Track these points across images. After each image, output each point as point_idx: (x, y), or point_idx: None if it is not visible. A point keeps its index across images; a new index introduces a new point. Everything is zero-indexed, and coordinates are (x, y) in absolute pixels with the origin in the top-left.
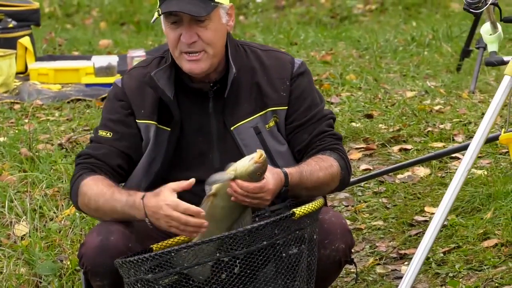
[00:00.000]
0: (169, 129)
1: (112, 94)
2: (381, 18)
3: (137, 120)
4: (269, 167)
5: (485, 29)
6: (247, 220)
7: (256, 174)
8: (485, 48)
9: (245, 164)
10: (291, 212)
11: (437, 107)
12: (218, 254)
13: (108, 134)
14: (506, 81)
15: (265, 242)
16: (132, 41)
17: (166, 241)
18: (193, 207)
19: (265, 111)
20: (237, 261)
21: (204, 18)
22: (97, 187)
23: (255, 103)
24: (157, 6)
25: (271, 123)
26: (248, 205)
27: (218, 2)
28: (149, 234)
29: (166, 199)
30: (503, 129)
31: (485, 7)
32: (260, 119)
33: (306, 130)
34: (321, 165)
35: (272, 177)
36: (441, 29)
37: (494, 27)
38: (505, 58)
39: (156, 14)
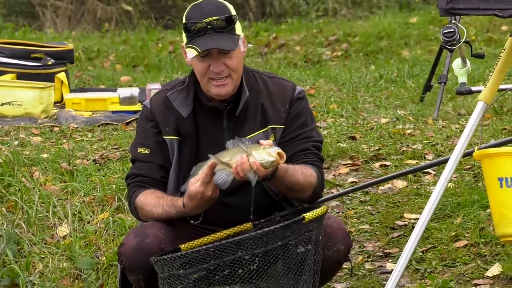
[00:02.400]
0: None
1: (143, 115)
2: (346, 62)
3: (164, 137)
4: None
5: (456, 63)
6: None
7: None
8: (445, 82)
9: (265, 159)
10: (301, 216)
11: (408, 131)
12: (240, 253)
13: (146, 150)
14: (479, 106)
15: (280, 242)
16: (147, 78)
17: (192, 242)
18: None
19: (266, 128)
20: (256, 258)
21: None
22: (149, 201)
23: (259, 121)
24: (185, 42)
25: (271, 139)
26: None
27: (238, 35)
28: (178, 236)
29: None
30: (476, 147)
31: (459, 45)
32: (262, 135)
33: (293, 145)
34: (303, 171)
35: None
36: (404, 69)
37: (464, 62)
38: (473, 88)
39: (194, 52)
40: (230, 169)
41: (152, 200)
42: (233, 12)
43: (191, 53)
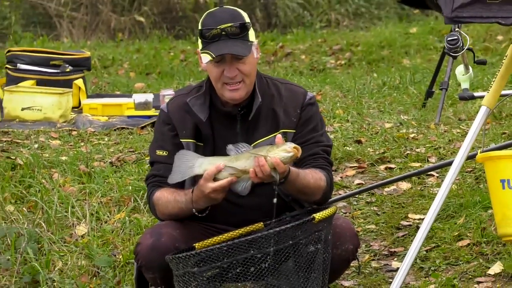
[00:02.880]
0: (202, 144)
1: (161, 119)
2: (349, 70)
3: (181, 140)
4: None
5: (459, 70)
6: None
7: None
8: (446, 89)
9: (284, 156)
10: (311, 216)
11: (412, 135)
12: (252, 252)
13: (164, 152)
14: (482, 110)
15: (290, 241)
16: (160, 84)
17: (206, 241)
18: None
19: (278, 132)
20: (268, 257)
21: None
22: (164, 197)
23: (270, 125)
24: (200, 48)
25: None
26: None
27: (252, 41)
28: (192, 236)
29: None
30: (479, 150)
31: (462, 52)
32: (274, 139)
33: (303, 149)
34: (313, 175)
35: None
36: (407, 76)
37: (467, 68)
38: (475, 94)
39: (208, 56)
40: (247, 175)
41: (167, 194)
42: (247, 19)
43: (205, 58)
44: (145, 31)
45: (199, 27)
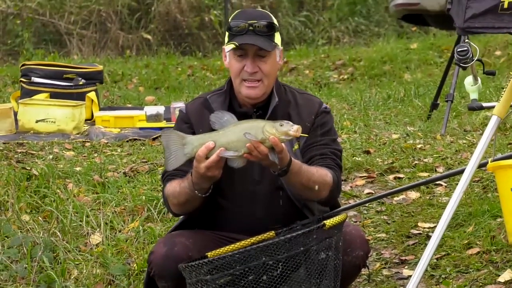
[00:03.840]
0: None
1: (179, 119)
2: (351, 85)
3: None
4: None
5: (468, 81)
6: None
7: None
8: (452, 101)
9: (283, 138)
10: (322, 223)
11: (419, 146)
12: (264, 258)
13: (189, 158)
14: (493, 120)
15: (302, 248)
16: (170, 97)
17: (218, 250)
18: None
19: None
20: (280, 263)
21: (266, 54)
22: (172, 188)
23: None
24: (226, 42)
25: (296, 146)
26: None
27: (276, 43)
28: (205, 244)
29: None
30: (490, 159)
31: (472, 62)
32: (288, 143)
33: (312, 149)
34: (318, 170)
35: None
36: (411, 89)
37: (475, 79)
38: (484, 104)
39: (232, 45)
40: (240, 153)
41: (175, 184)
42: (275, 22)
43: (229, 47)
44: (152, 48)
45: (229, 19)
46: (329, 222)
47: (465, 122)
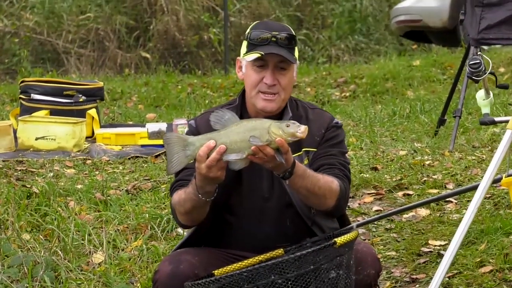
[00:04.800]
0: None
1: (189, 132)
2: (354, 102)
3: None
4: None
5: (479, 95)
6: None
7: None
8: (460, 116)
9: (293, 130)
10: (333, 241)
11: (427, 162)
12: (272, 277)
13: (191, 160)
14: (508, 134)
15: (312, 267)
16: (171, 114)
17: (226, 268)
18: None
19: (300, 152)
20: (289, 282)
21: (286, 67)
22: (178, 196)
23: (294, 144)
24: (244, 52)
25: (305, 161)
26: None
27: (296, 58)
28: (211, 262)
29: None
30: (504, 174)
31: (485, 76)
32: (297, 158)
33: (320, 159)
34: (324, 176)
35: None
36: (417, 106)
37: (487, 93)
38: (496, 119)
39: (256, 55)
40: (243, 154)
41: (180, 192)
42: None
43: (251, 57)
44: (151, 67)
45: (247, 32)
46: (340, 240)
47: (473, 138)
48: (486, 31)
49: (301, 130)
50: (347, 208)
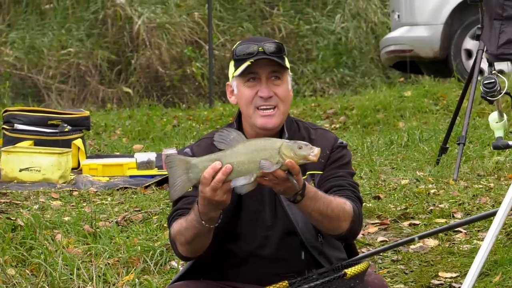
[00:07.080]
0: None
1: None
2: (344, 134)
3: None
4: None
5: (492, 117)
6: None
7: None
8: (464, 143)
9: (305, 153)
10: (343, 272)
11: (432, 191)
12: None
13: (190, 189)
14: None
15: None
16: (159, 145)
17: None
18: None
19: (305, 176)
20: None
21: (280, 76)
22: (178, 225)
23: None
24: (233, 71)
25: (312, 184)
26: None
27: (286, 67)
28: None
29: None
30: None
31: (500, 96)
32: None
33: (329, 181)
34: (336, 198)
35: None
36: (416, 134)
37: (501, 115)
38: (510, 143)
39: (244, 65)
40: (252, 177)
41: (181, 221)
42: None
43: (241, 69)
44: (133, 101)
45: (232, 49)
46: (350, 271)
47: (476, 166)
48: (506, 46)
49: (314, 153)
50: None
